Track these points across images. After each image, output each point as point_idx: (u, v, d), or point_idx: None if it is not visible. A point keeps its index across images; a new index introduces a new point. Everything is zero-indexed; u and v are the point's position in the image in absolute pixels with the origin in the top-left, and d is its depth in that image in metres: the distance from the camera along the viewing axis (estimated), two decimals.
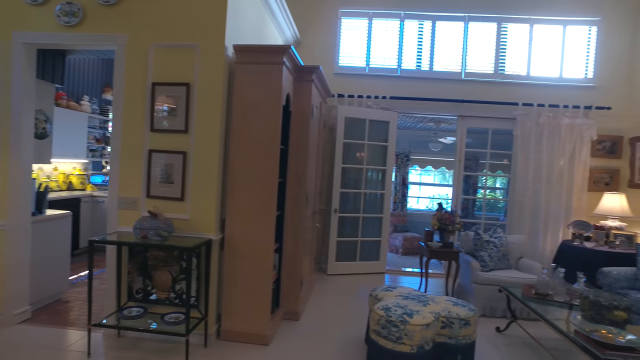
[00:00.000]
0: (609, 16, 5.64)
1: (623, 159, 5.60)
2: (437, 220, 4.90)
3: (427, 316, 2.87)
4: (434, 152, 9.83)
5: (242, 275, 3.30)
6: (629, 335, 2.63)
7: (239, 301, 3.31)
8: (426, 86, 5.79)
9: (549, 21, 5.73)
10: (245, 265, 3.30)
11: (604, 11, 5.64)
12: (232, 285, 3.32)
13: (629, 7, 5.61)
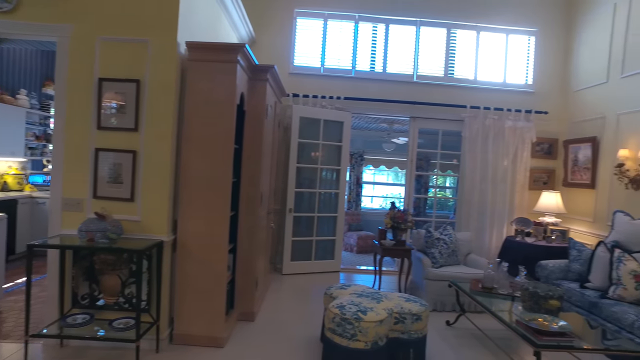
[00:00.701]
0: (545, 28, 6.04)
1: (558, 160, 6.02)
2: (390, 219, 5.03)
3: (380, 313, 2.94)
4: (387, 152, 10.07)
5: (195, 277, 3.23)
6: (561, 321, 2.84)
7: (192, 304, 3.24)
8: (380, 88, 5.92)
9: (494, 29, 6.04)
10: (198, 266, 3.23)
11: (540, 23, 6.03)
12: (185, 287, 3.23)
13: (562, 20, 6.03)
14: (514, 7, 6.00)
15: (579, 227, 5.48)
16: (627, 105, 4.82)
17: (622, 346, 2.85)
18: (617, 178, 4.74)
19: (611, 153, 4.96)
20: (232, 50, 3.20)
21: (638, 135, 4.63)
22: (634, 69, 4.76)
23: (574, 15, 5.94)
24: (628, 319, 3.40)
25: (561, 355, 3.37)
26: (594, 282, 4.08)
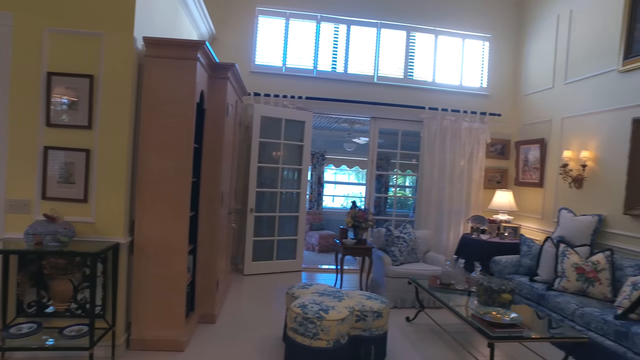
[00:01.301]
0: (498, 34, 6.32)
1: (510, 160, 6.31)
2: (351, 218, 5.09)
3: (342, 311, 2.98)
4: (349, 152, 10.18)
5: (153, 280, 3.13)
6: (512, 313, 2.99)
7: (150, 307, 3.14)
8: (341, 88, 5.97)
9: (451, 34, 6.25)
10: (157, 269, 3.13)
11: (493, 29, 6.30)
12: (142, 291, 3.13)
13: (513, 29, 6.33)
14: (469, 14, 6.23)
15: (529, 224, 5.77)
16: (569, 110, 5.13)
17: (564, 333, 3.04)
18: (562, 177, 5.03)
19: (556, 154, 5.26)
20: (192, 47, 3.13)
21: (579, 137, 4.93)
22: (575, 76, 5.07)
23: (523, 25, 6.24)
24: (570, 308, 3.64)
25: (513, 345, 3.55)
26: (542, 276, 4.32)
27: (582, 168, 4.77)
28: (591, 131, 4.79)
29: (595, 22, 4.84)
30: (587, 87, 4.90)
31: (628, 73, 4.35)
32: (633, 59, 4.27)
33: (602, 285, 3.81)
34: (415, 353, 3.49)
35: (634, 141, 4.15)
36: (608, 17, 4.61)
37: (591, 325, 3.40)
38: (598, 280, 3.83)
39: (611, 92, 4.54)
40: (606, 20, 4.64)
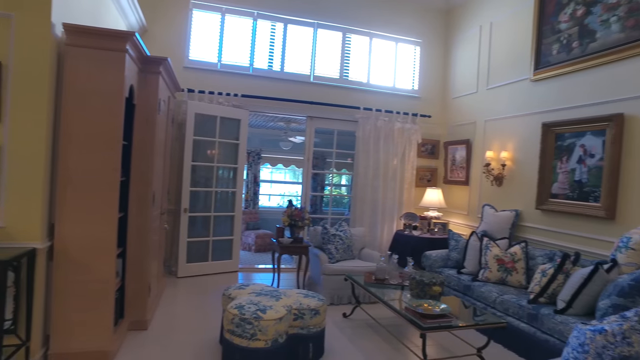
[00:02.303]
0: (428, 40, 6.65)
1: (440, 160, 6.68)
2: (288, 217, 5.09)
3: (280, 310, 2.97)
4: (285, 151, 10.17)
5: (77, 287, 2.90)
6: (442, 305, 3.17)
7: (74, 317, 2.90)
8: (277, 86, 5.94)
9: (385, 37, 6.47)
10: (80, 275, 2.91)
11: (424, 35, 6.62)
12: (64, 300, 2.89)
13: (441, 35, 6.70)
14: (402, 19, 6.48)
15: (457, 220, 6.15)
16: (491, 113, 5.54)
17: (487, 320, 3.27)
18: (485, 176, 5.42)
19: (480, 154, 5.66)
20: (121, 38, 2.94)
21: (499, 139, 5.34)
22: (496, 82, 5.49)
23: (451, 33, 6.62)
24: (492, 297, 3.93)
25: (443, 334, 3.75)
26: (468, 268, 4.61)
27: (502, 167, 5.17)
28: (509, 133, 5.20)
29: (511, 34, 5.26)
30: (505, 93, 5.31)
31: (538, 82, 4.78)
32: (542, 70, 4.71)
33: (519, 274, 4.16)
34: (352, 348, 3.57)
35: (543, 143, 4.57)
36: (521, 31, 5.04)
37: (509, 310, 3.71)
38: (515, 269, 4.18)
39: (525, 99, 4.97)
40: (520, 34, 5.06)
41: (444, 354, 3.48)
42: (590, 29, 4.18)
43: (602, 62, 4.03)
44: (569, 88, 4.40)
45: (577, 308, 3.27)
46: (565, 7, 4.47)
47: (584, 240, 4.09)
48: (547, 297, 3.55)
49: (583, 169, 4.16)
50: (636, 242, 3.32)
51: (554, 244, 4.38)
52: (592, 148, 4.08)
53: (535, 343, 3.38)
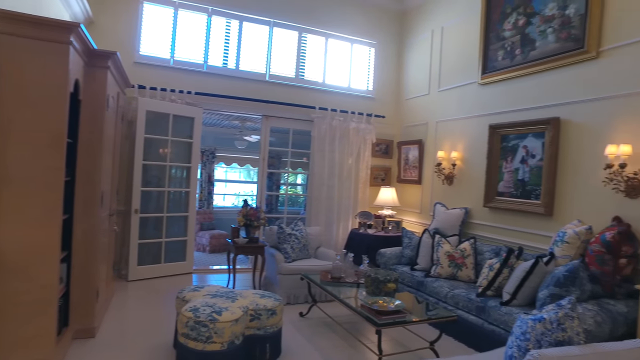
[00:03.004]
0: (382, 42, 6.79)
1: (393, 159, 6.85)
2: (243, 217, 5.03)
3: (236, 311, 2.94)
4: (240, 150, 10.03)
5: (14, 296, 2.70)
6: (397, 301, 3.26)
7: (10, 330, 2.69)
8: (232, 84, 5.85)
9: (340, 37, 6.54)
10: (19, 282, 2.71)
11: (378, 37, 6.76)
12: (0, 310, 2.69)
13: (395, 38, 6.87)
14: (357, 20, 6.58)
15: (410, 218, 6.33)
16: (442, 115, 5.75)
17: (439, 314, 3.40)
18: (437, 175, 5.62)
19: (432, 154, 5.86)
20: (64, 29, 2.77)
21: (450, 140, 5.56)
22: (447, 85, 5.71)
23: (404, 35, 6.81)
24: (443, 292, 4.09)
25: (397, 329, 3.85)
26: (420, 264, 4.77)
27: (453, 167, 5.39)
28: (459, 134, 5.43)
29: (461, 40, 5.49)
30: (455, 95, 5.54)
31: (485, 86, 5.03)
32: (488, 74, 4.95)
33: (468, 269, 4.36)
34: (310, 346, 3.59)
35: (490, 144, 4.81)
36: (470, 37, 5.27)
37: (459, 304, 3.87)
38: (465, 265, 4.37)
39: (473, 101, 5.20)
40: (469, 40, 5.29)
41: (399, 349, 3.58)
42: (530, 38, 4.45)
43: (541, 69, 4.31)
44: (513, 92, 4.66)
45: (520, 299, 3.48)
46: (508, 17, 4.73)
47: (527, 235, 4.35)
48: (494, 290, 3.75)
49: (525, 168, 4.42)
50: (570, 236, 3.57)
51: (500, 239, 4.63)
52: (534, 149, 4.34)
53: (483, 334, 3.55)
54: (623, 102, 3.60)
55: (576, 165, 3.94)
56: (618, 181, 3.49)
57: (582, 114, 3.92)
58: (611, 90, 3.69)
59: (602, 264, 3.29)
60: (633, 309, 3.12)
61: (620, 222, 3.41)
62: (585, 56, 3.89)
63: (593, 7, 3.83)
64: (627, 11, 3.62)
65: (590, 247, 3.41)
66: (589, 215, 3.76)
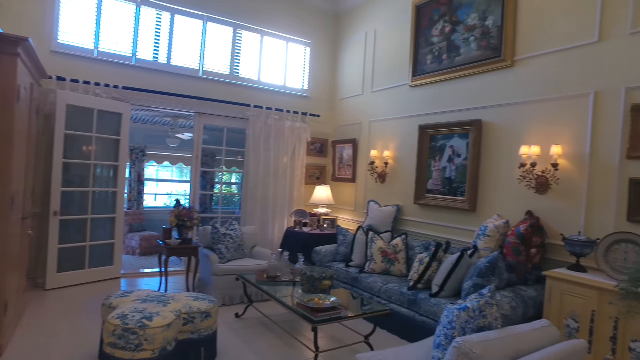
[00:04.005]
0: (318, 42, 6.87)
1: (328, 158, 6.96)
2: (175, 217, 4.85)
3: (168, 316, 2.82)
4: (172, 148, 9.63)
5: None
6: (332, 298, 3.32)
7: None
8: (164, 80, 5.60)
9: (276, 36, 6.50)
10: None
11: (314, 36, 6.82)
12: None
13: (330, 38, 6.98)
14: (293, 19, 6.59)
15: (345, 216, 6.47)
16: (375, 115, 5.94)
17: (373, 309, 3.51)
18: (370, 174, 5.80)
19: (366, 153, 6.03)
20: None
21: (383, 139, 5.76)
22: (380, 86, 5.90)
23: (339, 36, 6.93)
24: (377, 287, 4.23)
25: (334, 326, 3.92)
26: (355, 261, 4.89)
27: (385, 166, 5.59)
28: (391, 134, 5.64)
29: (393, 43, 5.70)
30: (388, 96, 5.75)
31: (415, 88, 5.27)
32: (418, 77, 5.20)
33: (400, 264, 4.55)
34: (246, 348, 3.54)
35: (420, 144, 5.06)
36: (401, 41, 5.49)
37: (392, 298, 4.03)
38: (397, 260, 4.56)
39: (404, 103, 5.43)
40: (400, 43, 5.52)
41: (335, 344, 3.65)
42: (456, 45, 4.74)
43: (465, 75, 4.61)
44: (441, 95, 4.93)
45: (448, 291, 3.69)
46: (436, 23, 5.00)
47: (454, 230, 4.63)
48: (424, 283, 3.94)
49: (452, 167, 4.70)
50: (491, 230, 3.86)
51: (430, 234, 4.88)
52: (459, 149, 4.63)
53: (415, 325, 3.73)
54: (534, 108, 3.96)
55: (496, 164, 4.27)
56: (530, 179, 3.83)
57: (500, 117, 4.25)
58: (524, 96, 4.05)
59: (517, 255, 3.59)
60: (541, 293, 3.45)
61: (532, 216, 3.74)
62: (502, 64, 4.22)
63: (508, 21, 4.17)
64: (535, 26, 3.99)
65: (507, 240, 3.71)
66: (507, 210, 4.09)
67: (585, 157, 3.55)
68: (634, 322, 2.72)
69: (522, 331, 2.01)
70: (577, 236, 3.36)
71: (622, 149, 3.31)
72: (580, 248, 3.30)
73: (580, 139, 3.59)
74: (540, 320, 2.17)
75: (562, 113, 3.74)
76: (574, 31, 3.69)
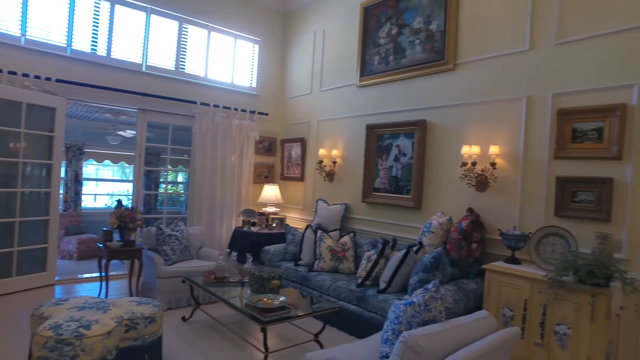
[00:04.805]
0: (266, 40, 6.80)
1: (277, 157, 6.92)
2: (117, 218, 4.62)
3: (108, 323, 2.67)
4: (113, 146, 9.15)
5: None
6: (281, 297, 3.31)
7: None
8: (103, 73, 5.29)
9: (224, 32, 6.35)
10: None
11: (262, 34, 6.74)
12: None
13: (279, 36, 6.94)
14: (241, 16, 6.47)
15: (294, 214, 6.46)
16: (324, 114, 5.99)
17: (322, 307, 3.54)
18: (318, 172, 5.84)
19: (314, 152, 6.06)
20: None
21: (331, 138, 5.82)
22: (328, 85, 5.95)
23: (288, 34, 6.90)
24: (326, 285, 4.27)
25: (283, 325, 3.90)
26: (304, 259, 4.90)
27: (333, 164, 5.65)
28: (339, 133, 5.71)
29: (341, 43, 5.76)
30: (336, 96, 5.80)
31: (363, 88, 5.37)
32: (366, 77, 5.30)
33: (349, 261, 4.62)
34: (193, 351, 3.44)
35: (367, 143, 5.16)
36: (350, 41, 5.57)
37: (341, 295, 4.08)
38: (345, 258, 4.62)
39: (352, 102, 5.52)
40: (349, 43, 5.59)
41: (285, 344, 3.64)
42: (402, 47, 4.87)
43: (411, 76, 4.76)
44: (387, 95, 5.06)
45: (395, 286, 3.80)
46: (383, 25, 5.11)
47: (400, 227, 4.77)
48: (372, 280, 4.03)
49: (398, 166, 4.84)
50: (435, 227, 4.02)
51: (377, 232, 4.99)
52: (405, 148, 4.77)
53: (364, 321, 3.80)
54: (474, 109, 4.17)
55: (440, 163, 4.44)
56: (471, 177, 4.03)
57: (444, 117, 4.44)
58: (465, 98, 4.25)
59: (459, 250, 3.76)
60: (480, 285, 3.64)
61: (473, 213, 3.94)
62: (445, 67, 4.40)
63: (450, 26, 4.35)
64: (475, 33, 4.20)
65: (450, 236, 3.88)
66: (450, 207, 4.28)
67: (519, 156, 3.79)
68: (559, 308, 2.95)
69: (463, 322, 2.11)
70: (512, 231, 3.57)
71: (550, 150, 3.57)
72: (515, 242, 3.51)
73: (515, 140, 3.83)
74: (480, 312, 2.29)
75: (499, 115, 3.97)
76: (509, 39, 3.93)
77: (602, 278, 2.77)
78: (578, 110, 3.40)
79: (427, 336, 1.87)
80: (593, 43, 3.40)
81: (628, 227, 3.14)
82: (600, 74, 3.35)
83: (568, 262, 2.90)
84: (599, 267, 2.79)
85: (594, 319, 2.80)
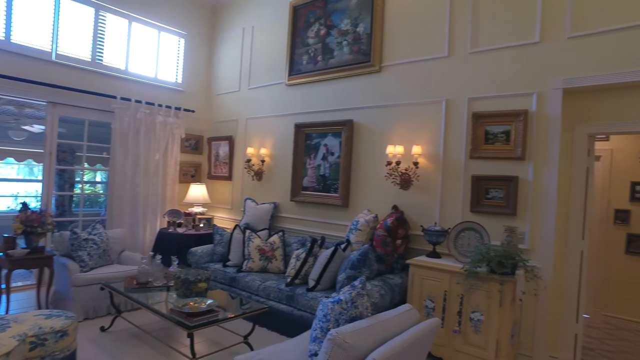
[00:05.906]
0: (193, 34, 6.54)
1: (204, 155, 6.70)
2: (22, 223, 4.17)
3: (7, 343, 2.42)
4: (18, 142, 8.27)
5: None
6: (209, 300, 3.22)
7: None
8: (4, 60, 4.76)
9: (146, 23, 6.00)
10: None
11: (189, 28, 6.48)
12: None
13: (207, 31, 6.71)
14: (165, 7, 6.15)
15: (222, 214, 6.30)
16: (252, 112, 5.91)
17: (251, 308, 3.50)
18: (247, 171, 5.75)
19: (242, 150, 5.96)
20: None
21: (259, 137, 5.77)
22: (257, 83, 5.89)
23: (216, 30, 6.70)
24: (255, 285, 4.23)
25: (212, 329, 3.80)
26: (233, 260, 4.80)
27: (262, 163, 5.60)
28: (268, 132, 5.67)
29: (270, 40, 5.72)
30: (265, 94, 5.75)
31: (291, 87, 5.38)
32: (294, 76, 5.32)
33: (278, 260, 4.60)
34: None
35: (296, 142, 5.19)
36: (279, 39, 5.56)
37: (271, 295, 4.06)
38: (274, 257, 4.60)
39: (281, 101, 5.51)
40: (278, 41, 5.57)
41: (214, 348, 3.54)
42: (330, 48, 4.95)
43: (339, 77, 4.85)
44: (316, 95, 5.11)
45: (324, 284, 3.86)
46: (312, 25, 5.16)
47: (329, 225, 4.86)
48: (301, 279, 4.06)
49: (326, 165, 4.92)
50: (361, 224, 4.15)
51: (306, 230, 5.03)
52: (333, 147, 4.86)
53: (294, 320, 3.81)
54: (398, 111, 4.36)
55: (366, 162, 4.59)
56: (395, 176, 4.21)
57: (370, 118, 4.58)
58: (390, 99, 4.43)
59: (385, 246, 3.92)
60: (405, 279, 3.82)
61: (397, 210, 4.12)
62: (371, 69, 4.55)
63: (376, 29, 4.51)
64: (399, 37, 4.40)
65: (376, 232, 4.02)
66: (376, 205, 4.43)
67: (439, 156, 4.03)
68: (474, 297, 3.20)
69: (388, 317, 2.20)
70: (433, 226, 3.79)
71: (466, 150, 3.85)
72: (436, 237, 3.74)
73: (435, 141, 4.07)
74: (403, 305, 2.40)
75: (422, 117, 4.19)
76: (430, 45, 4.16)
77: (509, 267, 3.05)
78: (489, 114, 3.70)
79: (354, 332, 1.92)
80: (501, 54, 3.72)
81: (530, 220, 3.49)
82: (508, 82, 3.68)
83: (481, 255, 3.15)
84: (507, 257, 3.06)
85: (502, 305, 3.07)
